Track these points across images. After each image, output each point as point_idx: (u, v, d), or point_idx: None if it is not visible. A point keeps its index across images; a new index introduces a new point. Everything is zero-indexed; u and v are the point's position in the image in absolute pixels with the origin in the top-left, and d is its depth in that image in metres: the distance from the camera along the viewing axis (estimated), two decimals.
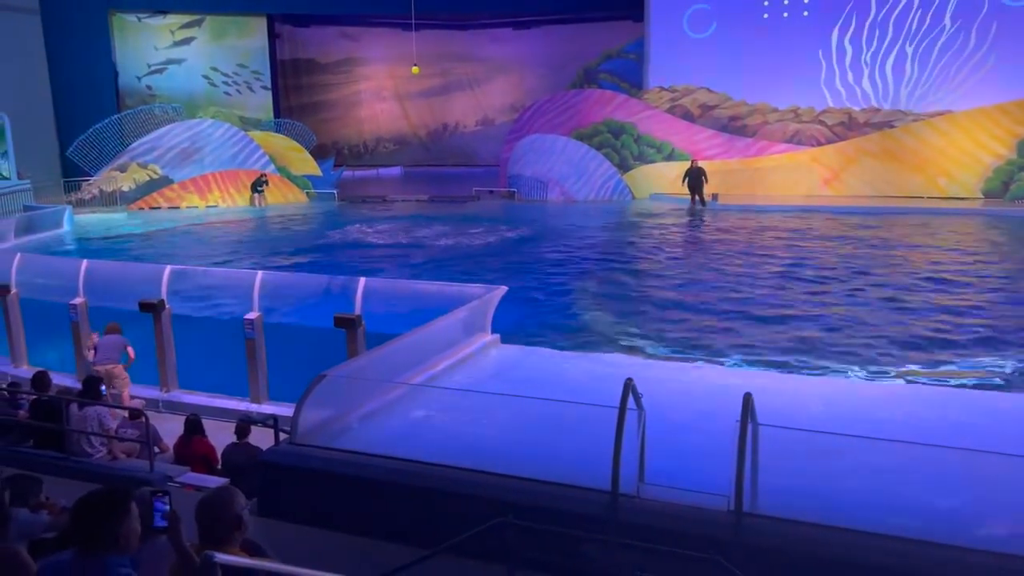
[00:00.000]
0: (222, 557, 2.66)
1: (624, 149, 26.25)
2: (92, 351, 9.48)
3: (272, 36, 34.91)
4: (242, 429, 7.18)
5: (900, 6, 24.90)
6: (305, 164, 27.81)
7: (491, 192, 27.25)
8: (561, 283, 14.09)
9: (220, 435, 7.53)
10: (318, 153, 29.78)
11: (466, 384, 6.07)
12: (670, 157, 25.88)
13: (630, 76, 30.37)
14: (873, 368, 8.99)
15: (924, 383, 8.18)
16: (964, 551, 3.51)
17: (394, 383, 5.51)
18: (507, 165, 27.21)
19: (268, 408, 8.77)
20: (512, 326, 9.44)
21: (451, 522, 3.97)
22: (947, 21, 24.43)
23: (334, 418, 5.14)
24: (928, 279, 13.58)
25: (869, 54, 25.19)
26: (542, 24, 34.43)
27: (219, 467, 7.20)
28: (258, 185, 25.42)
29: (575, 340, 10.26)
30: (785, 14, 26.15)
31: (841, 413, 5.55)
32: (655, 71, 28.03)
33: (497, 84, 36.21)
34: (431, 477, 4.34)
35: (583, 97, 27.18)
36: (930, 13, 24.57)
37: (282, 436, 5.79)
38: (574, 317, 11.83)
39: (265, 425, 7.14)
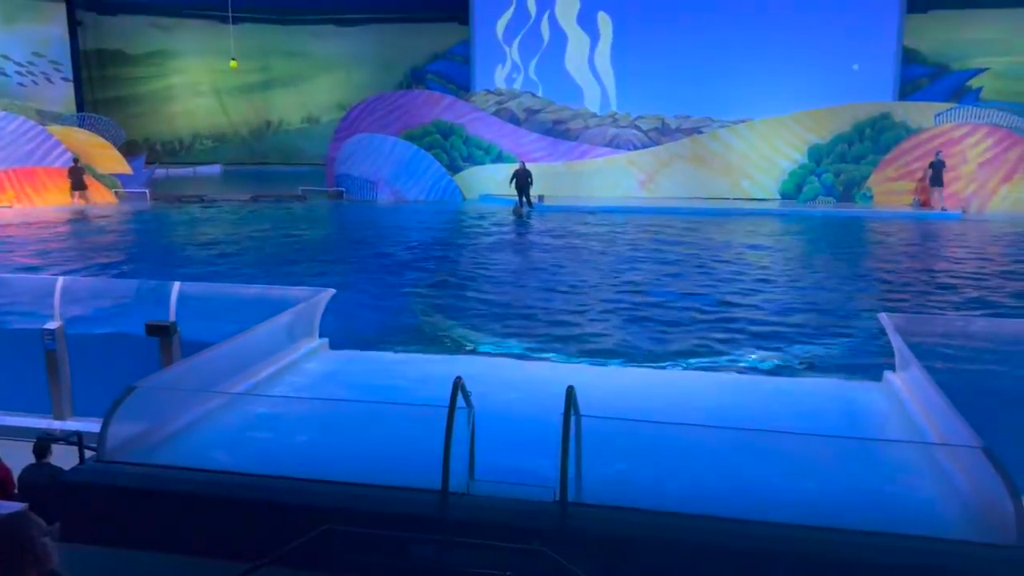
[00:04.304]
0: None
1: (453, 150, 26.49)
2: None
3: (73, 23, 32.31)
4: (41, 448, 6.59)
5: (706, 20, 26.77)
6: (113, 162, 25.95)
7: (322, 191, 26.63)
8: (390, 284, 13.99)
9: (17, 456, 6.87)
10: (128, 150, 27.88)
11: (291, 391, 5.89)
12: (498, 159, 26.37)
13: (457, 78, 30.67)
14: (693, 358, 9.57)
15: (733, 372, 8.80)
16: (776, 526, 3.79)
17: (212, 392, 5.25)
18: (335, 164, 26.70)
19: (73, 424, 8.12)
20: (341, 329, 9.25)
21: (274, 533, 3.84)
22: (744, 34, 26.51)
23: (147, 432, 4.83)
24: (734, 274, 14.63)
25: (677, 63, 26.85)
26: (366, 22, 34.03)
27: (16, 491, 6.57)
28: (78, 180, 23.39)
29: (405, 341, 10.21)
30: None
31: (659, 402, 5.85)
32: (481, 74, 28.59)
33: (322, 81, 35.39)
34: (251, 488, 4.17)
35: (411, 97, 27.16)
36: (732, 27, 26.59)
37: (88, 454, 5.38)
38: (404, 318, 11.79)
39: (68, 442, 6.60)
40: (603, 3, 27.53)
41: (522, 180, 23.93)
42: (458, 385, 4.20)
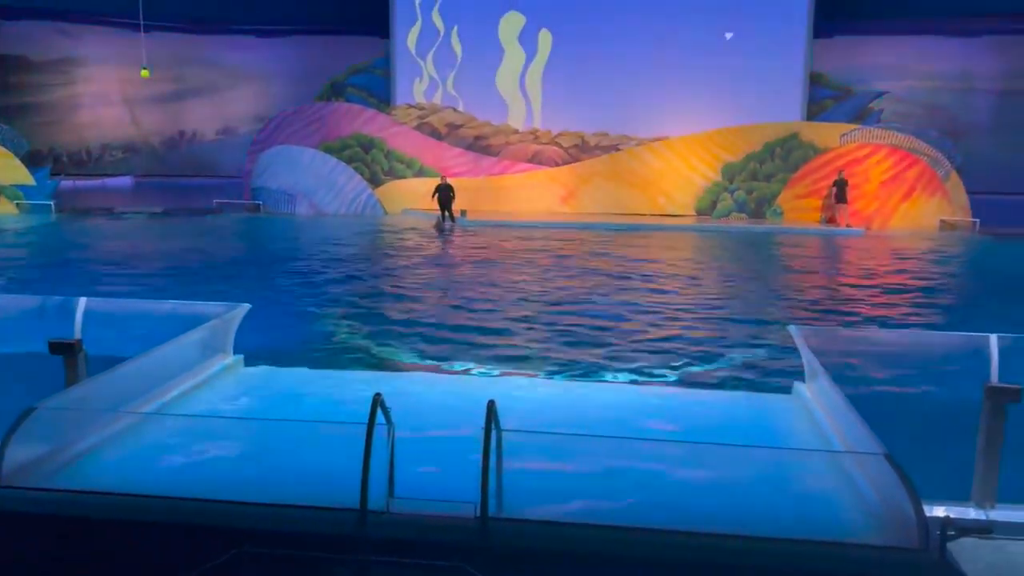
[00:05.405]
0: None
1: (374, 164, 26.33)
2: None
3: None
4: None
5: (624, 42, 27.40)
6: (14, 172, 24.83)
7: (239, 204, 26.02)
8: (310, 299, 13.76)
9: None
10: (31, 160, 26.72)
11: (204, 409, 5.71)
12: (420, 173, 26.33)
13: (378, 91, 30.52)
14: (611, 371, 9.70)
15: (648, 384, 8.96)
16: (692, 536, 3.86)
17: (120, 412, 5.05)
18: (251, 177, 26.17)
19: None
20: (258, 345, 9.03)
21: (182, 558, 3.71)
22: (663, 54, 27.26)
23: (49, 455, 4.60)
24: (650, 288, 14.93)
25: (597, 82, 27.38)
26: (286, 34, 33.58)
27: None
28: None
29: (323, 357, 10.05)
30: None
31: (579, 414, 5.90)
32: (402, 88, 28.57)
33: (239, 92, 34.69)
34: (158, 511, 4.02)
35: (331, 110, 26.89)
36: (650, 46, 27.30)
37: None
38: (321, 334, 11.60)
39: None
40: (546, 20, 27.67)
41: (444, 195, 23.94)
42: (377, 401, 4.15)
